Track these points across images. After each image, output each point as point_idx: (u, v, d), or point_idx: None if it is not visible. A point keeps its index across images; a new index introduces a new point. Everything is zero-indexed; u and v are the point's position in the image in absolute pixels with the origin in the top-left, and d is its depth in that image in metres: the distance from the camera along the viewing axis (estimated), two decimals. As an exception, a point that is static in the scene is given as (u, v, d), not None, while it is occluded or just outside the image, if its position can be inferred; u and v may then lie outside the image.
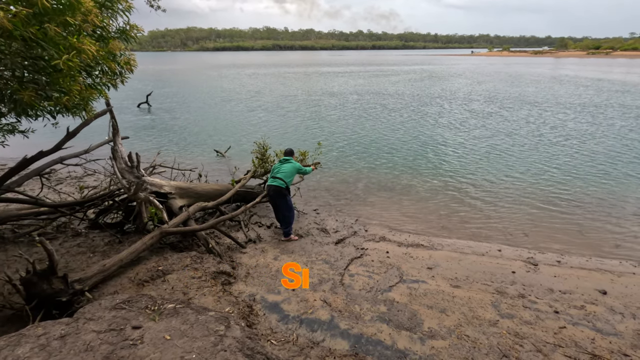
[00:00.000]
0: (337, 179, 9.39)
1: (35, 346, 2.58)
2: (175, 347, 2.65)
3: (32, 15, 3.22)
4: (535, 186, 8.69)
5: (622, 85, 30.47)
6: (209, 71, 55.56)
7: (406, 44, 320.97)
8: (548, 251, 5.85)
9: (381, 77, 40.95)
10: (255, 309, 4.17)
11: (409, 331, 3.86)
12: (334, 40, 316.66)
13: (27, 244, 5.36)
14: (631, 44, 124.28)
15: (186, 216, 5.49)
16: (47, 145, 5.93)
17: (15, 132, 5.21)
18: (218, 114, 19.23)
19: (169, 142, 13.57)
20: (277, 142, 12.80)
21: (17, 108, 3.76)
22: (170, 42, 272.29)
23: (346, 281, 4.80)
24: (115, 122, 6.64)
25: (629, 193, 8.22)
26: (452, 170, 9.93)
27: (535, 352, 3.56)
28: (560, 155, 11.16)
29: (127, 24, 4.53)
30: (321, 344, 3.65)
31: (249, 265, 5.17)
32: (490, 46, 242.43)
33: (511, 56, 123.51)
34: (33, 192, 7.22)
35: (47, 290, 3.61)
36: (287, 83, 35.59)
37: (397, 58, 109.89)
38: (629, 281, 4.95)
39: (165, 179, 7.11)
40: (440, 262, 5.36)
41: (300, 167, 6.11)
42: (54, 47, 3.44)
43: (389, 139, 13.42)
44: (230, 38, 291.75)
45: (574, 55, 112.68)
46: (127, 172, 6.09)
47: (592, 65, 61.49)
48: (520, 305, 4.32)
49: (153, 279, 4.27)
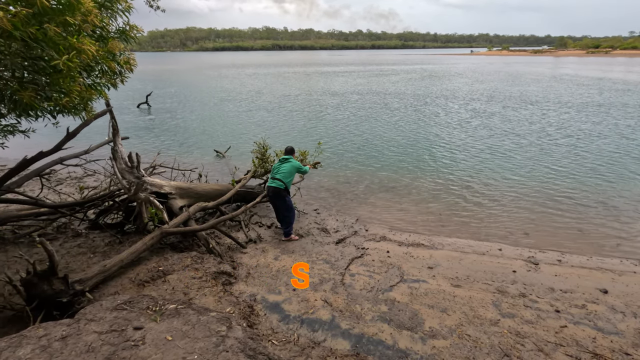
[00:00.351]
0: (338, 178, 9.38)
1: (36, 347, 2.57)
2: (177, 348, 2.65)
3: (32, 16, 3.21)
4: (535, 185, 8.69)
5: (623, 84, 30.47)
6: (208, 71, 55.55)
7: (405, 44, 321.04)
8: (549, 250, 5.85)
9: (381, 77, 40.94)
10: (256, 309, 4.17)
11: (410, 331, 3.85)
12: (334, 40, 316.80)
13: (28, 244, 5.35)
14: (630, 42, 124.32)
15: (186, 216, 5.48)
16: (47, 146, 5.92)
17: (16, 133, 5.21)
18: (218, 114, 19.23)
19: (169, 142, 13.56)
20: (277, 141, 12.79)
21: (17, 108, 3.75)
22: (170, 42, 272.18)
23: (347, 281, 4.80)
24: (115, 123, 6.63)
25: (630, 192, 8.22)
26: (452, 169, 9.93)
27: (536, 352, 3.55)
28: (560, 154, 11.16)
29: (127, 24, 4.52)
30: (322, 344, 3.65)
31: (250, 265, 5.16)
32: (489, 45, 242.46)
33: (510, 55, 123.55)
34: (33, 192, 7.21)
35: (47, 291, 3.60)
36: (287, 83, 35.59)
37: (397, 57, 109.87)
38: (630, 280, 4.95)
39: (166, 179, 7.10)
40: (441, 262, 5.35)
41: (300, 167, 6.08)
42: (53, 48, 3.43)
43: (390, 139, 13.42)
44: (229, 38, 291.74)
45: (573, 54, 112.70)
46: (127, 173, 6.09)
47: (592, 64, 61.51)
48: (521, 305, 4.32)
49: (154, 279, 4.26)
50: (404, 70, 52.60)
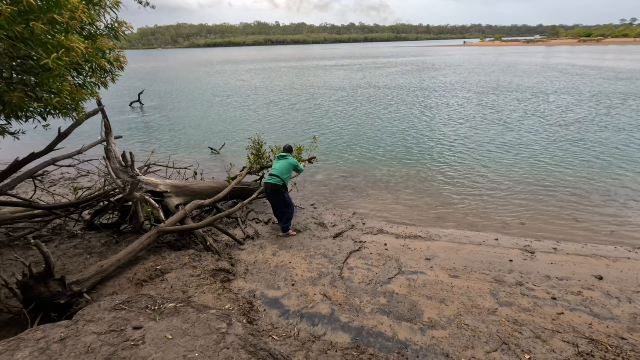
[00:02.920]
0: (334, 173, 9.38)
1: (35, 350, 2.55)
2: (178, 347, 2.64)
3: (18, 14, 3.14)
4: (530, 175, 8.75)
5: (615, 72, 30.63)
6: (201, 68, 55.03)
7: (398, 36, 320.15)
8: (545, 239, 5.91)
9: (376, 70, 40.82)
10: (256, 305, 4.17)
11: (409, 322, 3.88)
12: (326, 34, 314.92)
13: (23, 247, 5.30)
14: (622, 30, 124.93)
15: (183, 215, 5.45)
16: (38, 147, 5.85)
17: (6, 135, 5.12)
18: (211, 111, 19.09)
19: (163, 140, 13.45)
20: (272, 138, 12.74)
21: (7, 110, 3.69)
22: (161, 39, 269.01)
23: (345, 275, 4.81)
24: (108, 122, 6.56)
25: (624, 180, 8.30)
26: (447, 162, 9.96)
27: (534, 339, 3.60)
28: (555, 144, 11.23)
29: (116, 22, 4.44)
30: (322, 338, 3.67)
31: (248, 261, 5.16)
32: (482, 36, 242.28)
33: (503, 46, 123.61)
34: (26, 194, 7.14)
35: (44, 293, 3.57)
36: (283, 78, 35.36)
37: (391, 50, 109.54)
38: (625, 266, 5.02)
39: (161, 177, 7.05)
40: (439, 253, 5.38)
41: (296, 164, 6.07)
42: (41, 46, 3.36)
43: (385, 132, 13.41)
44: (221, 34, 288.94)
45: (565, 44, 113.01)
46: (122, 172, 6.03)
47: (585, 53, 61.74)
48: (518, 293, 4.37)
49: (152, 278, 4.24)
50: (399, 62, 52.48)
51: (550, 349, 3.47)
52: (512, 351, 3.44)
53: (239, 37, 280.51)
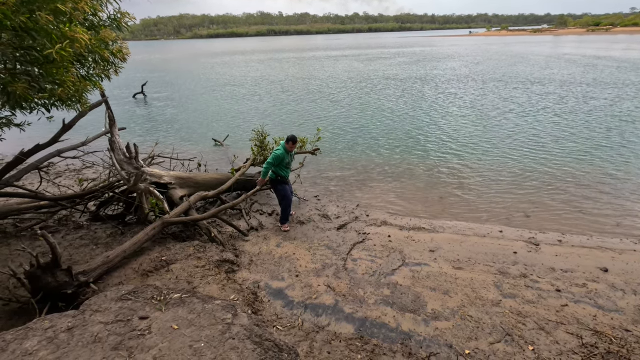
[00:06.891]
0: (338, 164, 9.35)
1: (43, 339, 2.59)
2: (184, 337, 2.67)
3: (22, 4, 3.12)
4: (535, 167, 8.67)
5: (624, 62, 30.09)
6: (205, 59, 54.74)
7: (403, 26, 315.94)
8: (549, 231, 5.87)
9: (381, 60, 40.39)
10: (260, 296, 4.21)
11: (413, 313, 3.90)
12: (330, 24, 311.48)
13: (30, 238, 5.36)
14: (632, 19, 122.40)
15: (187, 206, 5.48)
16: (43, 139, 5.87)
17: (11, 126, 5.14)
18: (215, 103, 19.03)
19: (166, 132, 13.45)
20: (276, 129, 12.70)
21: (11, 101, 3.69)
22: (164, 30, 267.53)
23: (349, 266, 4.83)
24: (112, 113, 6.56)
25: (630, 172, 8.21)
26: (452, 153, 9.89)
27: (538, 330, 3.60)
28: (560, 136, 11.10)
29: (118, 12, 4.40)
30: (326, 329, 3.70)
31: (252, 253, 5.19)
32: (488, 26, 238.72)
33: (510, 35, 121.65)
34: (32, 186, 7.19)
35: (52, 283, 3.62)
36: (285, 68, 35.11)
37: (396, 41, 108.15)
38: (630, 258, 4.99)
39: (165, 169, 7.07)
40: (442, 245, 5.38)
41: (268, 160, 5.64)
42: (46, 37, 3.35)
43: (389, 124, 13.32)
44: (224, 24, 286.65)
45: (573, 33, 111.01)
46: (126, 164, 6.05)
47: (593, 43, 60.63)
48: (522, 285, 4.36)
49: (157, 269, 4.28)
50: (404, 53, 51.86)
51: (554, 340, 3.48)
52: (515, 342, 3.45)
53: (241, 27, 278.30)
